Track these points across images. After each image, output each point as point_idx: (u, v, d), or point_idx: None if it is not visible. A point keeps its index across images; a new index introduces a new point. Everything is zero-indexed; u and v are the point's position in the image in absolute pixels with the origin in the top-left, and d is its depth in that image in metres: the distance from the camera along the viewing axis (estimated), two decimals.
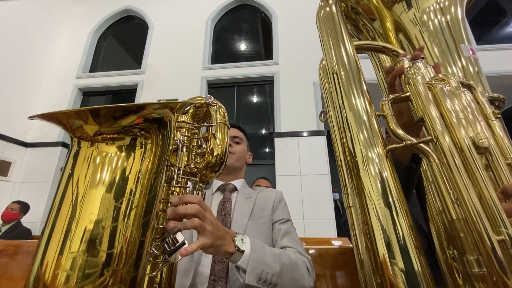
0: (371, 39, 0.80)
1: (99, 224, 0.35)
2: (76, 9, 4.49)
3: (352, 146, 0.44)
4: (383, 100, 0.48)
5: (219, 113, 0.66)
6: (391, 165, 0.42)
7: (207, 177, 0.62)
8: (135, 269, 0.37)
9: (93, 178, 0.36)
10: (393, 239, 0.35)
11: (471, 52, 0.68)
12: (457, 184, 0.35)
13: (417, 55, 0.54)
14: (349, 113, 0.46)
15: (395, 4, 0.76)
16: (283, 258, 0.66)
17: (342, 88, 0.49)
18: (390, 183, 0.39)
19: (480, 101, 0.47)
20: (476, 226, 0.33)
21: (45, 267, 0.33)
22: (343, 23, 0.59)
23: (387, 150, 0.43)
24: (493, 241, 0.32)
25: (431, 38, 0.70)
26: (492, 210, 0.34)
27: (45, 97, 3.89)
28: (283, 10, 3.86)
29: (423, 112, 0.43)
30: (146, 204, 0.39)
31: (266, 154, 3.61)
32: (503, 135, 0.44)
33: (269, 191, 0.94)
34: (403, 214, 0.37)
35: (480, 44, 3.33)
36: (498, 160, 0.40)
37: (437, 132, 0.40)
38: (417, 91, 0.46)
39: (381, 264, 0.36)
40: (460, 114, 0.41)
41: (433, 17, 0.73)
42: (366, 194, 0.39)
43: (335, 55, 0.54)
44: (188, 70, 3.73)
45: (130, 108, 0.38)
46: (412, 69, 0.50)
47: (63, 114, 0.36)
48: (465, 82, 0.49)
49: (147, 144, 0.41)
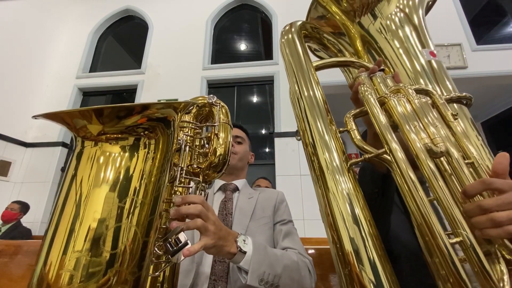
0: (338, 52, 0.84)
1: (103, 224, 0.35)
2: (76, 9, 4.48)
3: (319, 164, 0.46)
4: (346, 115, 0.50)
5: (222, 113, 0.66)
6: (353, 178, 0.43)
7: (209, 177, 0.62)
8: (138, 269, 0.37)
9: (96, 177, 0.36)
10: (362, 250, 0.37)
11: (431, 55, 0.70)
12: (411, 191, 0.37)
13: (373, 69, 0.56)
14: (316, 135, 0.48)
15: (361, 16, 0.79)
16: (284, 259, 0.66)
17: (307, 112, 0.51)
18: (352, 198, 0.41)
19: (439, 105, 0.48)
20: (431, 231, 0.35)
21: (49, 266, 0.33)
22: (303, 50, 0.62)
23: (349, 164, 0.44)
24: (446, 243, 0.34)
25: (398, 45, 0.73)
26: (450, 213, 0.36)
27: (45, 97, 3.89)
28: (283, 10, 3.86)
29: (376, 126, 0.45)
30: (149, 204, 0.39)
31: (266, 154, 3.60)
32: (465, 135, 0.46)
33: (270, 191, 0.94)
34: (368, 224, 0.39)
35: (480, 44, 3.33)
36: (457, 162, 0.41)
37: (389, 144, 0.41)
38: (369, 108, 0.47)
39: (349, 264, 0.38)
40: (414, 123, 0.43)
41: (397, 24, 0.76)
42: (334, 212, 0.41)
43: (298, 82, 0.56)
44: (188, 70, 3.73)
45: (134, 108, 0.38)
46: (364, 86, 0.52)
47: (67, 113, 0.36)
48: (420, 88, 0.50)
49: (150, 144, 0.41)
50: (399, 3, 0.78)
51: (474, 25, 3.43)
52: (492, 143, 4.77)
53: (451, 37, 3.32)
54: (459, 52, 3.22)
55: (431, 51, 0.71)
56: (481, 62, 3.17)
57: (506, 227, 0.32)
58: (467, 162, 0.41)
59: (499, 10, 3.78)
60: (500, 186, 0.35)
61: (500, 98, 4.25)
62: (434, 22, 3.43)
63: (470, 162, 0.42)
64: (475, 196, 0.37)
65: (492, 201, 0.35)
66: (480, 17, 3.69)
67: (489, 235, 0.34)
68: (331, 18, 0.85)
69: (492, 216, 0.33)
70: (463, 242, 0.34)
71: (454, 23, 3.44)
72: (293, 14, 4.19)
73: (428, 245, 0.36)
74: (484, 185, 0.36)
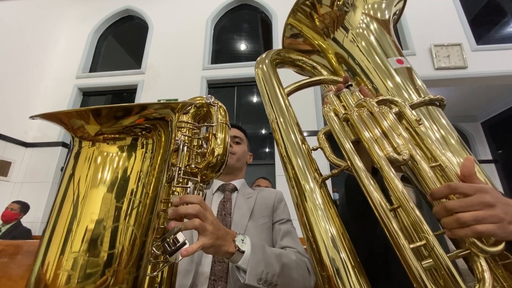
0: (313, 70, 0.89)
1: (101, 224, 0.35)
2: (76, 9, 4.48)
3: (297, 184, 0.51)
4: (318, 134, 0.54)
5: (220, 113, 0.66)
6: (325, 192, 0.48)
7: (208, 177, 0.62)
8: (136, 269, 0.37)
9: (94, 178, 0.36)
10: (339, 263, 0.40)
11: (398, 63, 0.72)
12: (373, 201, 0.40)
13: (339, 88, 0.60)
14: (290, 155, 0.55)
15: (335, 32, 0.82)
16: (283, 258, 0.66)
17: (283, 132, 0.58)
18: (325, 211, 0.45)
19: (403, 112, 0.50)
20: (392, 237, 0.36)
21: (47, 267, 0.33)
22: (274, 78, 0.69)
23: (320, 180, 0.49)
24: (406, 248, 0.35)
25: (367, 55, 0.76)
26: (413, 219, 0.37)
27: (45, 97, 3.89)
28: (283, 10, 3.85)
29: (339, 143, 0.48)
30: (147, 204, 0.39)
31: (266, 154, 3.60)
32: (434, 138, 0.48)
33: (269, 191, 0.94)
34: (341, 236, 0.43)
35: (480, 44, 3.33)
36: (422, 166, 0.42)
37: (351, 159, 0.45)
38: (331, 127, 0.52)
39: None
40: (377, 134, 0.45)
41: (365, 35, 0.78)
42: (311, 223, 0.45)
43: (272, 107, 0.63)
44: (188, 70, 3.73)
45: (132, 108, 0.38)
46: (327, 107, 0.56)
47: (65, 114, 0.36)
48: (384, 98, 0.54)
49: (148, 144, 0.41)
50: (364, 9, 0.81)
51: (474, 25, 3.43)
52: (492, 143, 4.78)
53: (451, 37, 3.32)
54: (459, 52, 3.22)
55: (398, 59, 0.73)
56: (481, 62, 3.17)
57: (473, 227, 0.34)
58: (433, 165, 0.43)
59: (499, 10, 3.78)
60: (465, 191, 0.37)
61: (500, 98, 4.25)
62: (434, 22, 3.44)
63: (437, 164, 0.43)
64: (441, 199, 0.39)
65: (456, 202, 0.36)
66: (480, 17, 3.69)
67: (457, 235, 0.35)
68: (306, 38, 0.89)
69: (458, 217, 0.35)
70: (426, 245, 0.36)
71: (454, 23, 3.44)
72: None
73: (401, 253, 0.37)
74: (449, 189, 0.38)
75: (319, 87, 3.29)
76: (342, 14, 0.81)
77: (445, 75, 3.17)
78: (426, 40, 3.31)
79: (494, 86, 3.57)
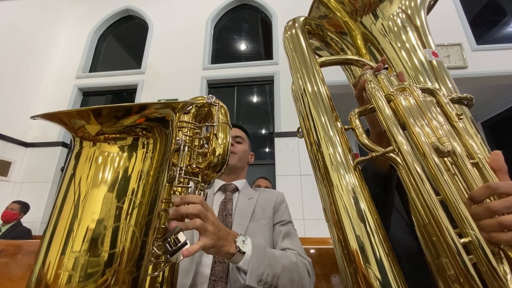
0: (340, 51, 0.83)
1: (101, 224, 0.35)
2: (76, 9, 4.48)
3: (324, 163, 0.44)
4: (351, 113, 0.49)
5: (221, 113, 0.66)
6: (360, 176, 0.42)
7: (209, 177, 0.62)
8: (137, 269, 0.37)
9: (95, 178, 0.36)
10: (369, 251, 0.36)
11: (434, 56, 0.70)
12: (420, 191, 0.37)
13: (379, 67, 0.55)
14: (320, 131, 0.47)
15: (363, 16, 0.78)
16: (283, 260, 0.66)
17: (311, 108, 0.50)
18: (359, 196, 0.40)
19: (443, 104, 0.48)
20: (441, 230, 0.34)
21: (47, 267, 0.33)
22: (307, 45, 0.61)
23: (355, 163, 0.43)
24: (456, 243, 0.33)
25: (400, 45, 0.73)
26: (458, 213, 0.35)
27: (45, 97, 3.89)
28: (283, 10, 3.86)
29: (384, 124, 0.44)
30: (148, 204, 0.39)
31: (266, 154, 3.60)
32: (468, 134, 0.45)
33: (270, 192, 0.94)
34: (374, 222, 0.38)
35: (480, 44, 3.33)
36: (463, 161, 0.40)
37: (398, 143, 0.41)
38: (377, 104, 0.47)
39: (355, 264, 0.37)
40: (421, 121, 0.42)
41: (399, 25, 0.75)
42: (339, 209, 0.40)
43: (302, 78, 0.55)
44: (188, 70, 3.73)
45: (132, 108, 0.38)
46: (372, 83, 0.51)
47: (66, 114, 0.36)
48: (426, 87, 0.50)
49: (149, 144, 0.41)
50: (401, 4, 0.78)
51: (474, 25, 3.43)
52: (492, 143, 4.77)
53: (451, 37, 3.32)
54: (459, 52, 3.22)
55: (434, 51, 0.71)
56: (481, 62, 3.17)
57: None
58: (472, 162, 0.41)
59: (499, 10, 3.78)
60: (507, 190, 0.35)
61: (500, 98, 4.25)
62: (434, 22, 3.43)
63: (475, 162, 0.41)
64: (482, 201, 0.36)
65: (501, 203, 0.34)
66: (480, 17, 3.69)
67: (499, 239, 0.33)
68: (332, 17, 0.84)
69: (501, 220, 0.33)
70: (472, 242, 0.34)
71: (454, 23, 3.44)
72: (293, 14, 4.20)
73: (435, 245, 0.35)
74: (490, 190, 0.36)
75: None
76: (377, 1, 0.77)
77: None
78: None
79: (494, 86, 3.56)
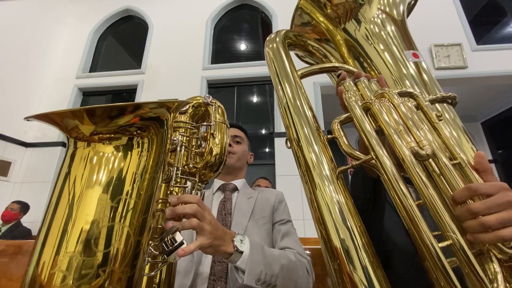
0: (323, 58, 0.85)
1: (96, 224, 0.35)
2: (76, 9, 4.48)
3: (309, 174, 0.46)
4: (333, 122, 0.50)
5: (218, 113, 0.66)
6: (342, 185, 0.44)
7: (206, 176, 0.62)
8: (131, 269, 0.37)
9: (89, 178, 0.36)
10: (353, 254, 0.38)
11: (414, 57, 0.71)
12: (398, 196, 0.38)
13: (358, 75, 0.56)
14: (303, 143, 0.49)
15: (346, 22, 0.80)
16: (282, 259, 0.65)
17: (294, 118, 0.53)
18: (342, 205, 0.41)
19: (423, 106, 0.48)
20: (420, 235, 0.35)
21: (41, 267, 0.33)
22: (287, 58, 0.63)
23: (337, 172, 0.45)
24: (435, 247, 0.34)
25: (383, 47, 0.74)
26: (438, 216, 0.36)
27: (45, 97, 3.89)
28: (283, 10, 3.86)
29: (362, 132, 0.45)
30: (142, 203, 0.39)
31: (266, 154, 3.60)
32: (450, 135, 0.45)
33: (270, 191, 0.94)
34: (358, 231, 0.39)
35: (480, 44, 3.33)
36: (444, 163, 0.41)
37: (375, 151, 0.41)
38: (354, 114, 0.48)
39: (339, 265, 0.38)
40: (400, 126, 0.43)
41: (380, 26, 0.76)
42: (324, 216, 0.42)
43: (284, 90, 0.57)
44: (188, 70, 3.72)
45: (126, 108, 0.38)
46: (348, 93, 0.52)
47: (58, 114, 0.35)
48: (404, 91, 0.50)
49: (143, 143, 0.40)
50: (379, 5, 0.79)
51: (474, 25, 3.42)
52: (492, 143, 4.77)
53: (451, 37, 3.31)
54: (459, 52, 3.22)
55: (414, 53, 0.71)
56: (481, 62, 3.17)
57: (497, 232, 0.32)
58: (453, 163, 0.41)
59: (499, 10, 3.77)
60: (486, 191, 0.35)
61: (500, 98, 4.24)
62: (434, 22, 3.43)
63: (457, 162, 0.42)
64: (464, 202, 0.37)
65: (481, 204, 0.34)
66: (480, 17, 3.68)
67: (483, 240, 0.33)
68: (315, 25, 0.86)
69: (482, 220, 0.33)
70: (453, 245, 0.34)
71: (454, 23, 3.44)
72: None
73: (419, 249, 0.36)
74: (470, 191, 0.36)
75: (319, 87, 3.29)
76: (357, 6, 0.79)
77: (445, 75, 3.17)
78: (426, 40, 3.30)
79: (494, 86, 3.56)
